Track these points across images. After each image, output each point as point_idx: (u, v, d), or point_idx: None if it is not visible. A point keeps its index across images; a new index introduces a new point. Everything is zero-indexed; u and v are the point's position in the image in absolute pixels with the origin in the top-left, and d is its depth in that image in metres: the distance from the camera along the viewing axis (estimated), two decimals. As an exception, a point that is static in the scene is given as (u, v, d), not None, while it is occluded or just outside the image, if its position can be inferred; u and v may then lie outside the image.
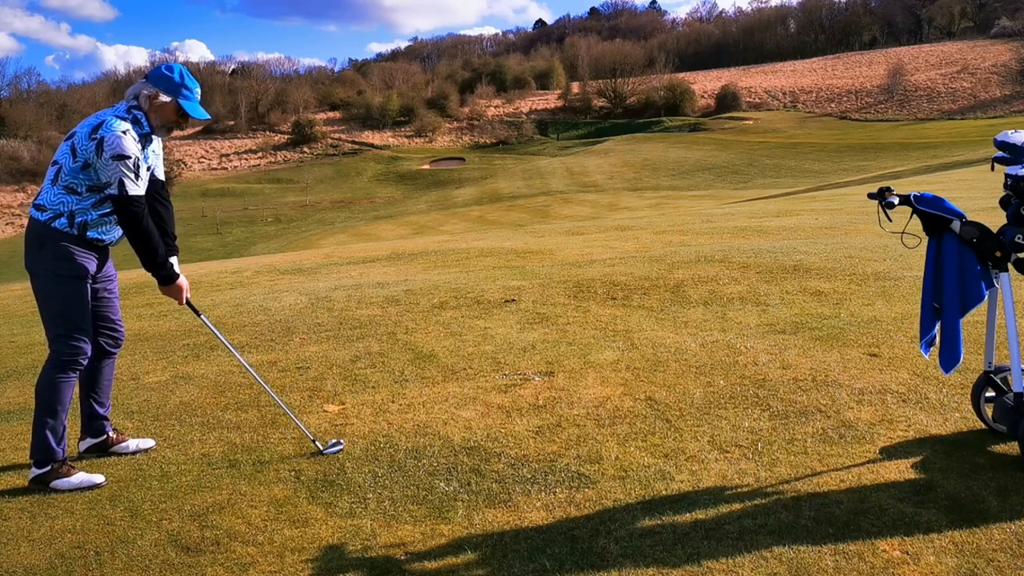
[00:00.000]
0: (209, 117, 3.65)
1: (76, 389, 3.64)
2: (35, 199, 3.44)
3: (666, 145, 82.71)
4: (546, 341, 5.23)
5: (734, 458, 3.29)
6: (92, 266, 3.46)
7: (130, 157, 3.29)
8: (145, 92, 3.41)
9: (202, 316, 3.89)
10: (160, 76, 3.43)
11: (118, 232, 3.51)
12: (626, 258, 8.60)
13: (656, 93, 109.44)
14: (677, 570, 2.52)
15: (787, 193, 34.82)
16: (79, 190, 3.34)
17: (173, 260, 3.62)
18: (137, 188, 3.36)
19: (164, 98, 3.41)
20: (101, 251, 3.52)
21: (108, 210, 3.41)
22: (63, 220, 3.36)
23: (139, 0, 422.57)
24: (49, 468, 3.37)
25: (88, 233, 3.40)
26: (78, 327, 3.40)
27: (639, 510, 2.91)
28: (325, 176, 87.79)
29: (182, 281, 3.61)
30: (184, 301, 3.67)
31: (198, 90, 3.52)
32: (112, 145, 3.26)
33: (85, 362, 3.47)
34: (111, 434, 3.76)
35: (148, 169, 3.50)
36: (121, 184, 3.31)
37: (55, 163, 3.39)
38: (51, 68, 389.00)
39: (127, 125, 3.33)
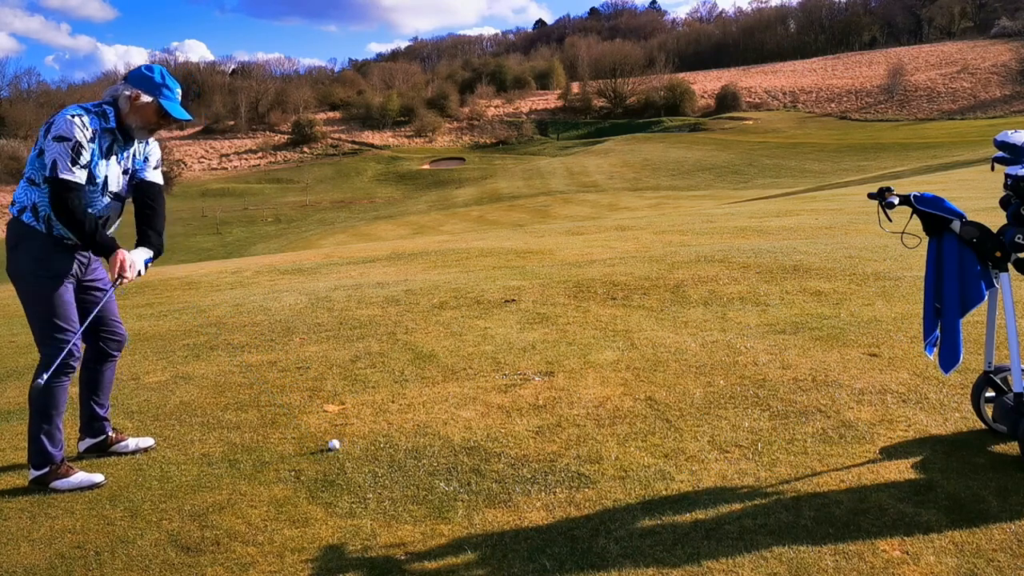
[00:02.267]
0: (191, 118, 3.57)
1: (76, 390, 3.63)
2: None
3: (666, 145, 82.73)
4: (546, 341, 5.23)
5: (734, 458, 3.29)
6: (71, 266, 3.39)
7: (70, 140, 3.19)
8: (125, 93, 3.36)
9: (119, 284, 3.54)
10: (140, 76, 3.39)
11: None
12: (626, 258, 8.60)
13: (656, 93, 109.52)
14: (677, 570, 2.52)
15: (787, 193, 34.81)
16: (37, 180, 3.29)
17: (144, 249, 3.47)
18: (70, 173, 3.21)
19: (145, 98, 3.36)
20: (73, 250, 3.41)
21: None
22: (29, 214, 3.31)
23: (139, 0, 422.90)
24: (48, 470, 3.37)
25: (54, 229, 3.32)
26: (63, 329, 3.33)
27: (639, 510, 2.91)
28: (325, 176, 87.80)
29: (123, 255, 3.39)
30: (119, 274, 3.40)
31: (179, 90, 3.48)
32: (57, 127, 3.20)
33: (76, 364, 3.41)
34: (111, 434, 3.76)
35: (122, 167, 3.44)
36: (54, 164, 3.19)
37: (31, 160, 3.35)
38: (51, 68, 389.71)
39: (83, 112, 3.27)
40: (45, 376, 3.17)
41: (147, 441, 3.78)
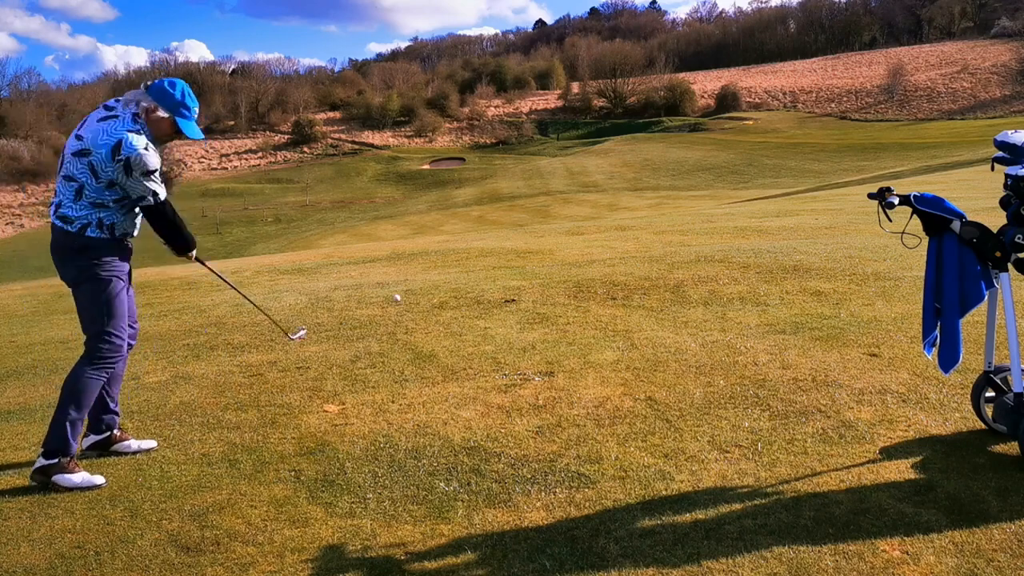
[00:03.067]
0: (203, 138, 3.71)
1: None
2: (58, 210, 3.47)
3: (666, 145, 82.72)
4: (546, 341, 5.23)
5: (734, 458, 3.29)
6: (127, 267, 3.62)
7: (156, 170, 3.41)
8: (144, 104, 3.46)
9: (207, 265, 4.15)
10: (162, 91, 3.48)
11: (137, 224, 3.65)
12: (626, 258, 8.60)
13: (656, 93, 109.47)
14: (677, 570, 2.52)
15: (787, 193, 34.82)
16: (108, 204, 3.43)
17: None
18: (163, 190, 3.50)
19: (162, 114, 3.47)
20: (129, 251, 3.66)
21: (134, 209, 3.55)
22: (94, 229, 3.45)
23: (139, 0, 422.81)
24: (56, 461, 3.39)
25: (116, 232, 3.51)
26: (118, 326, 3.52)
27: (639, 510, 2.91)
28: (325, 176, 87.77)
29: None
30: (195, 258, 3.83)
31: (196, 108, 3.59)
32: (140, 164, 3.34)
33: (119, 362, 3.58)
34: (116, 432, 3.76)
35: None
36: (155, 195, 3.44)
37: (72, 179, 3.40)
38: (51, 68, 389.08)
39: (144, 139, 3.39)
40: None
41: (149, 443, 3.79)
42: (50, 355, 5.84)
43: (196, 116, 3.58)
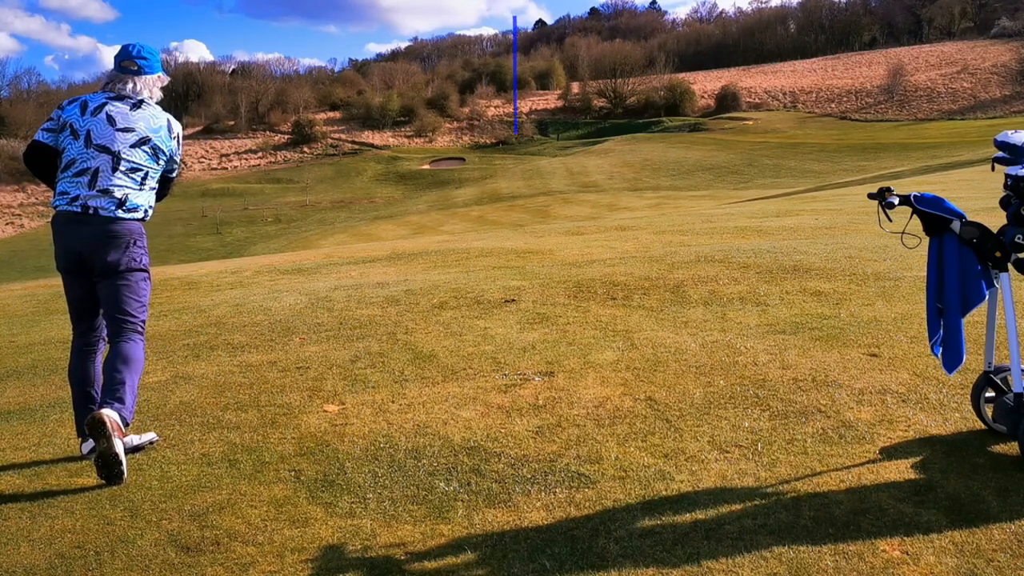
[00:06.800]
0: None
1: (70, 392, 3.73)
2: (123, 204, 3.60)
3: (666, 145, 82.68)
4: (546, 341, 5.23)
5: (734, 458, 3.29)
6: None
7: None
8: (161, 84, 3.83)
9: None
10: (158, 59, 3.83)
11: None
12: (626, 258, 8.60)
13: (656, 93, 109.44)
14: (677, 570, 2.52)
15: (787, 193, 34.82)
16: (155, 185, 3.78)
17: None
18: None
19: (165, 77, 3.87)
20: None
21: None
22: (148, 213, 3.75)
23: (139, 1, 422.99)
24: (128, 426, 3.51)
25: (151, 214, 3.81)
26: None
27: (639, 510, 2.91)
28: (325, 176, 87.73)
29: None
30: None
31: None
32: (180, 138, 3.86)
33: None
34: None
35: None
36: (180, 163, 3.95)
37: (138, 169, 3.64)
38: (51, 68, 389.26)
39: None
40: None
41: (149, 435, 3.79)
42: (50, 355, 5.84)
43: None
